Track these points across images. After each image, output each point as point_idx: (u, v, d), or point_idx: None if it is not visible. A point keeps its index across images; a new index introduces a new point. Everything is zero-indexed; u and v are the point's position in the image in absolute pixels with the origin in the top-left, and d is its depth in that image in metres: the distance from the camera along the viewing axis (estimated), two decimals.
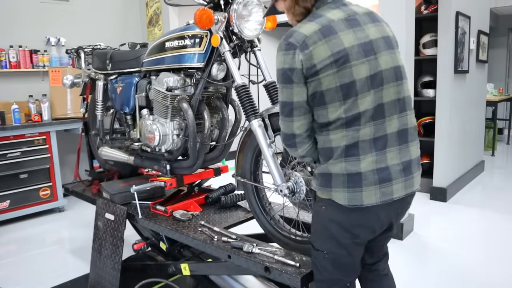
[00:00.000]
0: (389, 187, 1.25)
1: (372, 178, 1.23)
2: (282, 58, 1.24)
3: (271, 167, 1.65)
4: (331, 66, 1.19)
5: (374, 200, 1.24)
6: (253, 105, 1.74)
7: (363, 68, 1.21)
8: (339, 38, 1.21)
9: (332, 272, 1.37)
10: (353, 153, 1.23)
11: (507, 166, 5.70)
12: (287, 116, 1.28)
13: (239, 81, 1.78)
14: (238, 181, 1.88)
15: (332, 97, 1.21)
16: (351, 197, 1.24)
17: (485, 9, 4.93)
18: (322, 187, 1.30)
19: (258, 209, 1.87)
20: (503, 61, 8.37)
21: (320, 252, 1.36)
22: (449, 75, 3.97)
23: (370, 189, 1.24)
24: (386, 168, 1.25)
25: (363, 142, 1.23)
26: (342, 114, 1.22)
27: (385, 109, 1.25)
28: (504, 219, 3.56)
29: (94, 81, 2.70)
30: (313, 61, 1.20)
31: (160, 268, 2.22)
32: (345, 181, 1.24)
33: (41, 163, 3.95)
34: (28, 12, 4.37)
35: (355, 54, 1.21)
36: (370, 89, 1.22)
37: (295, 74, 1.22)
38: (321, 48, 1.19)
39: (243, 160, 1.86)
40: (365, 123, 1.23)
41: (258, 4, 1.84)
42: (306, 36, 1.21)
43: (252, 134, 1.79)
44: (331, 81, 1.20)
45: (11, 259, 3.11)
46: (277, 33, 7.03)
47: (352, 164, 1.23)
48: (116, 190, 2.31)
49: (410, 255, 2.94)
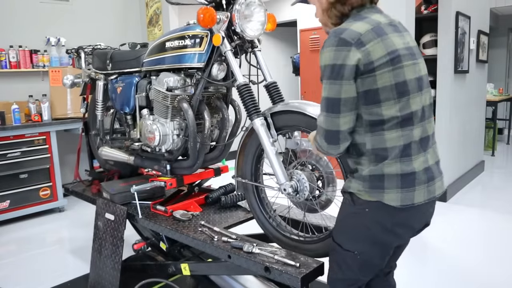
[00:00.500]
0: (433, 186, 1.31)
1: (423, 177, 1.28)
2: (332, 54, 1.22)
3: (274, 165, 1.65)
4: (387, 64, 1.21)
5: (422, 199, 1.28)
6: (255, 104, 1.74)
7: (411, 70, 1.26)
8: (390, 39, 1.24)
9: (356, 273, 1.37)
10: (408, 153, 1.26)
11: (507, 166, 5.70)
12: (333, 112, 1.25)
13: (241, 80, 1.79)
14: (239, 182, 1.88)
15: (388, 95, 1.23)
16: (404, 197, 1.26)
17: (485, 9, 4.94)
18: (372, 189, 1.27)
19: (258, 209, 1.87)
20: (503, 61, 8.38)
21: (349, 252, 1.35)
22: (449, 75, 3.97)
23: (421, 188, 1.27)
24: (430, 168, 1.30)
25: (415, 143, 1.27)
26: (397, 113, 1.23)
27: (425, 112, 1.31)
28: (504, 219, 3.56)
29: (94, 81, 2.70)
30: (370, 58, 1.20)
31: (160, 268, 2.22)
32: (399, 181, 1.25)
33: (41, 163, 3.95)
34: (28, 12, 4.37)
35: (405, 56, 1.25)
36: (417, 90, 1.27)
37: (347, 70, 1.21)
38: (377, 46, 1.21)
39: (244, 161, 1.85)
40: (417, 123, 1.27)
41: (260, 4, 1.85)
42: (360, 34, 1.21)
43: (253, 135, 1.79)
44: (387, 79, 1.22)
45: (11, 259, 3.11)
46: (277, 33, 7.04)
47: (406, 164, 1.26)
48: (116, 190, 2.31)
49: (410, 255, 2.94)
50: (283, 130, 1.72)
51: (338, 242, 1.39)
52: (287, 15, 6.35)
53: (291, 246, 1.72)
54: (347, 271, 1.38)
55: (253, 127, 1.71)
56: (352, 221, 1.34)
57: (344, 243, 1.37)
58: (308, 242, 1.69)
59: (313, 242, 1.67)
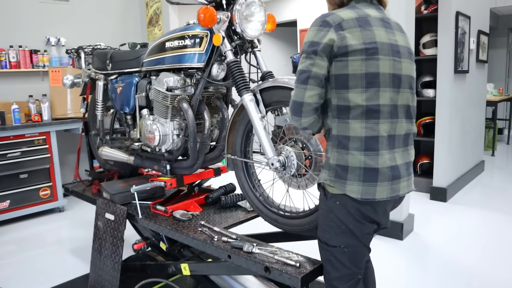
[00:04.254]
0: (397, 185, 1.34)
1: (387, 175, 1.30)
2: (313, 33, 1.31)
3: (262, 140, 1.67)
4: (360, 53, 1.27)
5: (385, 195, 1.31)
6: (245, 80, 1.77)
7: (388, 64, 1.30)
8: (372, 31, 1.30)
9: (349, 267, 1.39)
10: (373, 147, 1.29)
11: (507, 166, 5.70)
12: (301, 84, 1.32)
13: (231, 58, 1.80)
14: (228, 159, 1.90)
15: (356, 82, 1.28)
16: (365, 191, 1.30)
17: (485, 9, 4.94)
18: (336, 178, 1.33)
19: (247, 185, 1.90)
20: (503, 61, 8.38)
21: (337, 248, 1.38)
22: (449, 75, 3.97)
23: (384, 185, 1.30)
24: (396, 167, 1.33)
25: (382, 138, 1.30)
26: (363, 102, 1.28)
27: (398, 111, 1.34)
28: (504, 219, 3.56)
29: (94, 81, 2.70)
30: (345, 42, 1.26)
31: (160, 268, 2.22)
32: (361, 175, 1.29)
33: (41, 163, 3.95)
34: (28, 12, 4.37)
35: (384, 50, 1.30)
36: (390, 86, 1.31)
37: (322, 47, 1.28)
38: (355, 34, 1.27)
39: (234, 138, 1.88)
40: (383, 118, 1.30)
41: (260, 4, 1.85)
42: (343, 19, 1.29)
43: (242, 112, 1.82)
44: (358, 66, 1.27)
45: (11, 259, 3.11)
46: (277, 33, 7.04)
47: (371, 159, 1.29)
48: (116, 190, 2.31)
49: (410, 255, 2.94)
50: (272, 106, 1.74)
51: (324, 240, 1.42)
52: (287, 15, 6.35)
53: (280, 222, 1.78)
54: (341, 268, 1.40)
55: (242, 103, 1.74)
56: (329, 216, 1.39)
57: (329, 240, 1.40)
58: (296, 217, 1.72)
59: (294, 218, 1.72)
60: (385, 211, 1.40)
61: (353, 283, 1.42)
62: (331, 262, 1.41)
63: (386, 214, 1.42)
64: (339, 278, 1.41)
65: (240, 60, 1.92)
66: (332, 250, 1.40)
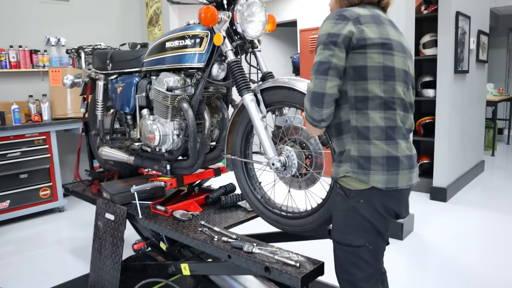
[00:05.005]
0: (413, 173, 1.38)
1: (405, 163, 1.34)
2: (330, 25, 1.31)
3: (263, 140, 1.66)
4: (378, 46, 1.30)
5: (405, 183, 1.34)
6: (246, 80, 1.77)
7: (400, 61, 1.35)
8: (386, 29, 1.35)
9: (373, 264, 1.39)
10: (392, 136, 1.32)
11: (507, 166, 5.70)
12: (322, 75, 1.31)
13: (232, 57, 1.80)
14: (228, 159, 1.90)
15: (375, 74, 1.30)
16: (389, 179, 1.32)
17: (485, 9, 4.94)
18: (360, 169, 1.32)
19: (248, 188, 1.90)
20: (503, 61, 8.38)
21: (362, 247, 1.37)
22: (449, 75, 3.98)
23: (404, 173, 1.34)
24: (411, 156, 1.37)
25: (399, 128, 1.34)
26: (381, 93, 1.31)
27: (407, 105, 1.39)
28: (504, 219, 3.56)
29: (94, 81, 2.70)
30: (364, 35, 1.29)
31: (160, 268, 2.22)
32: (385, 164, 1.31)
33: (41, 163, 3.95)
34: (28, 12, 4.37)
35: (397, 47, 1.35)
36: (402, 81, 1.36)
37: (341, 39, 1.28)
38: (372, 28, 1.31)
39: (234, 138, 1.88)
40: (399, 110, 1.34)
41: (261, 5, 1.85)
42: (360, 15, 1.32)
43: (242, 113, 1.82)
44: (377, 59, 1.30)
45: (11, 259, 3.11)
46: (277, 33, 7.04)
47: (392, 148, 1.32)
48: (116, 190, 2.31)
49: (410, 255, 2.94)
50: (273, 106, 1.73)
51: (347, 242, 1.39)
52: (287, 15, 6.35)
53: (281, 223, 1.77)
54: (366, 267, 1.38)
55: (243, 103, 1.73)
56: (352, 216, 1.37)
57: (353, 240, 1.37)
58: (298, 217, 1.72)
59: (296, 218, 1.72)
60: (406, 201, 1.45)
61: (376, 279, 1.42)
62: (354, 264, 1.38)
63: (406, 204, 1.45)
64: (365, 278, 1.39)
65: (240, 60, 1.92)
66: (356, 251, 1.37)
